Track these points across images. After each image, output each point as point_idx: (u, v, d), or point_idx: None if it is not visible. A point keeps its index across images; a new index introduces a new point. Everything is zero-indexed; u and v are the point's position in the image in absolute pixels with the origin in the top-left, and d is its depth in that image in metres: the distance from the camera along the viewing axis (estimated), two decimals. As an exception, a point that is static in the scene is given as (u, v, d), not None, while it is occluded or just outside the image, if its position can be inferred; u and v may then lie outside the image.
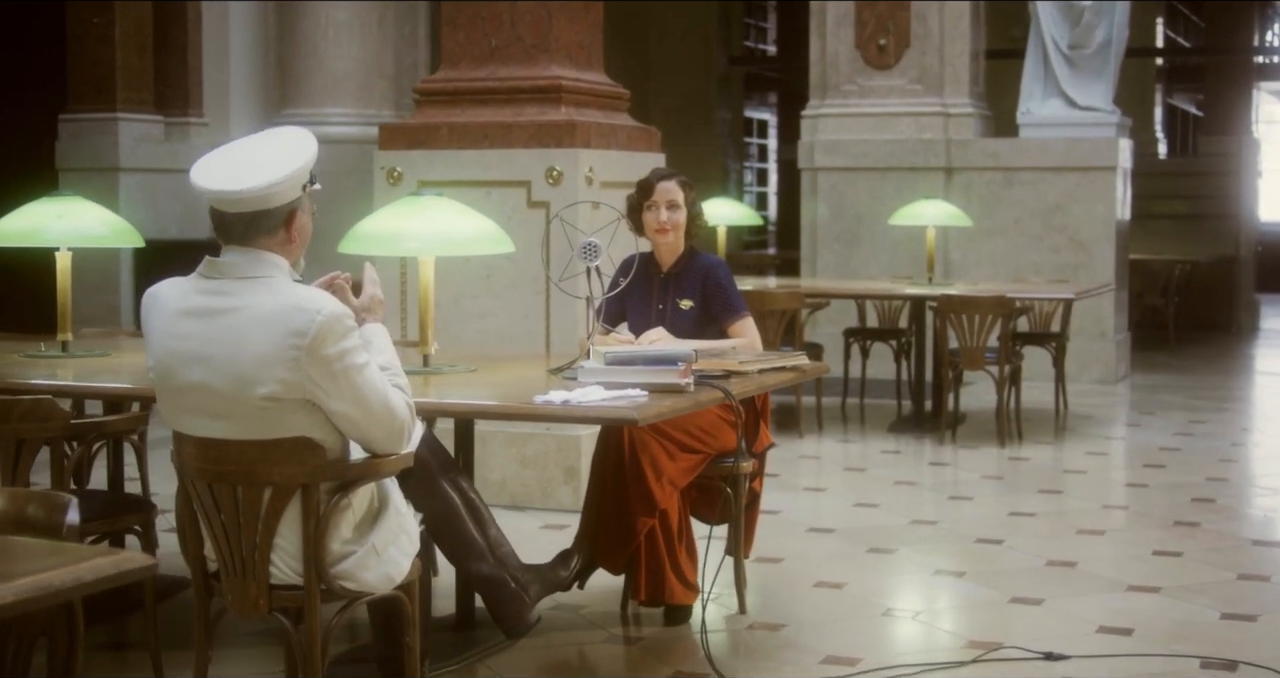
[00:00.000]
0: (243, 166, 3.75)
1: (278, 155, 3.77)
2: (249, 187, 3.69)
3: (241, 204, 3.71)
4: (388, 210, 5.13)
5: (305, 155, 3.78)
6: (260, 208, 3.72)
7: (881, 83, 12.78)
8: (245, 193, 3.69)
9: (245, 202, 3.71)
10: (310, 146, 3.82)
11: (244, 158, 3.79)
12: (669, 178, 5.71)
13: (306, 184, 3.80)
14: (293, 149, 3.80)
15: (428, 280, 5.09)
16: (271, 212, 3.73)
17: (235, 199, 3.70)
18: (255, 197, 3.69)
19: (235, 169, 3.75)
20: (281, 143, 3.83)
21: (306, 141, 3.85)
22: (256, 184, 3.69)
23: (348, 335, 3.69)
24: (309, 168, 3.79)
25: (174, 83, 14.59)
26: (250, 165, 3.75)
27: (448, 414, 4.37)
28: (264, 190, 3.69)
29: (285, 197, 3.74)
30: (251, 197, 3.69)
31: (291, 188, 3.74)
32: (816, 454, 9.22)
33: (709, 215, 11.05)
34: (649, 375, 4.46)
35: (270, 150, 3.79)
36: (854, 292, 10.78)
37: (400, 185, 7.66)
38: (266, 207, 3.72)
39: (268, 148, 3.81)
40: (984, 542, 6.78)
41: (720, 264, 5.73)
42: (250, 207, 3.71)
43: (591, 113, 7.65)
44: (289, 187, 3.73)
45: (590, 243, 4.98)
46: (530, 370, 5.07)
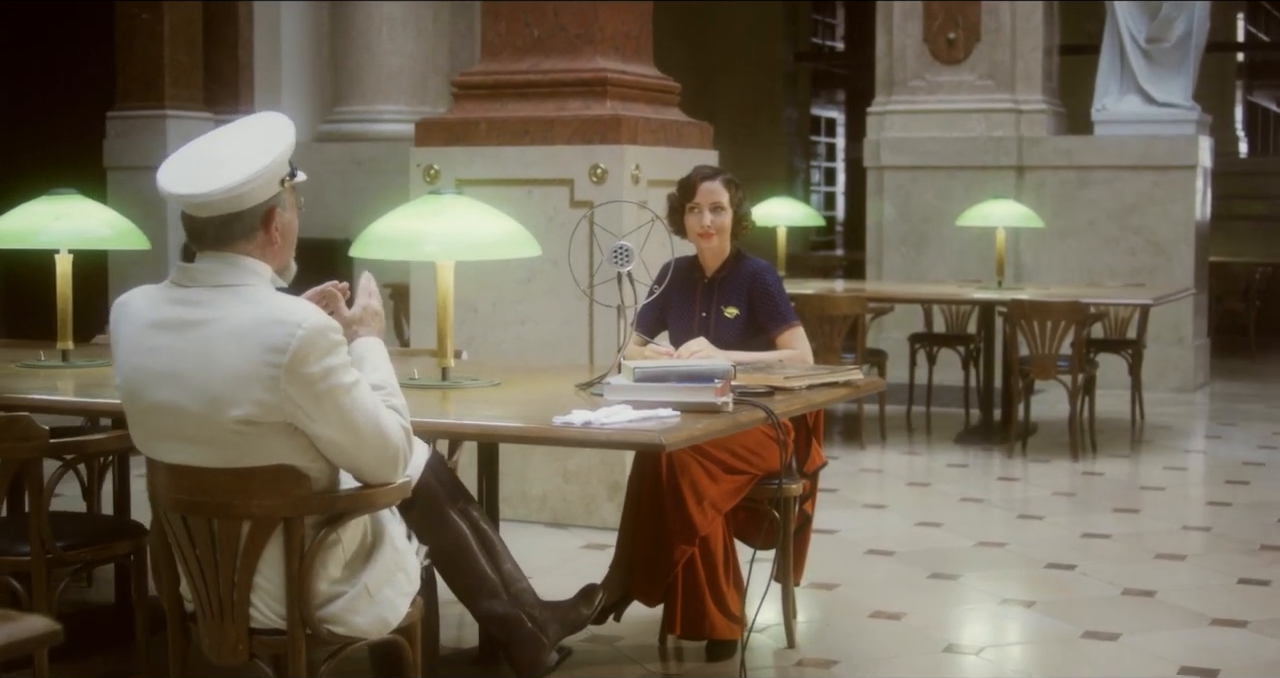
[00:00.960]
0: (209, 165, 3.35)
1: (247, 149, 3.36)
2: (216, 188, 3.29)
3: (211, 207, 3.31)
4: (404, 211, 4.73)
5: (277, 148, 3.38)
6: (233, 210, 3.32)
7: (950, 78, 12.30)
8: (213, 195, 3.29)
9: (215, 204, 3.31)
10: (283, 136, 3.42)
11: (211, 155, 3.39)
12: (713, 177, 5.28)
13: (286, 177, 3.40)
14: (263, 141, 3.40)
15: (447, 287, 4.68)
16: (246, 213, 3.33)
17: (203, 202, 3.31)
18: (225, 198, 3.29)
19: (201, 168, 3.35)
20: (252, 135, 3.43)
21: (280, 130, 3.44)
22: (224, 184, 3.29)
23: (333, 351, 3.28)
24: (285, 159, 3.38)
25: (224, 79, 14.29)
26: (217, 164, 3.35)
27: (449, 436, 3.95)
28: (234, 191, 3.29)
29: (260, 194, 3.34)
30: (221, 198, 3.29)
31: (266, 184, 3.34)
32: (879, 467, 8.76)
33: (768, 215, 10.68)
34: (681, 393, 4.03)
35: (239, 144, 3.39)
36: (919, 296, 10.31)
37: (437, 184, 7.26)
38: (240, 207, 3.32)
39: (237, 141, 3.40)
40: (1055, 567, 6.31)
41: (768, 269, 5.29)
42: (221, 209, 3.32)
43: (639, 107, 7.23)
44: (263, 183, 3.33)
45: (622, 246, 4.55)
46: (560, 385, 4.65)
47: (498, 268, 6.90)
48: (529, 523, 7.02)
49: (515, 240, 4.72)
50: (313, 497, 3.36)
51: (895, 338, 11.52)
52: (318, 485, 3.38)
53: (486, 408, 4.35)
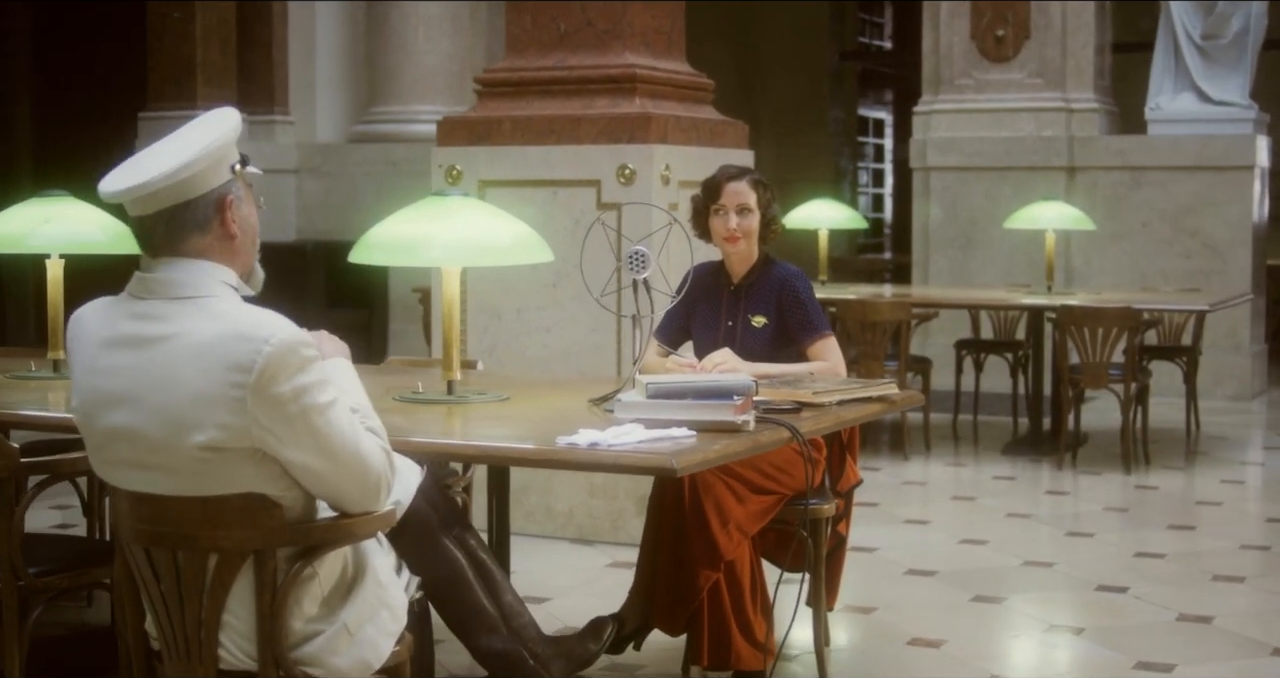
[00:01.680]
0: (149, 157, 3.07)
1: (185, 137, 3.08)
2: (156, 173, 2.99)
3: (156, 199, 3.02)
4: (407, 214, 4.42)
5: (219, 129, 3.09)
6: (179, 200, 3.02)
7: (999, 76, 11.94)
8: (154, 182, 2.99)
9: (159, 194, 3.01)
10: (226, 121, 3.13)
11: (150, 151, 3.10)
12: (739, 176, 4.96)
13: (236, 165, 3.10)
14: (205, 126, 3.11)
15: (452, 295, 4.38)
16: (196, 202, 3.04)
17: (146, 194, 3.01)
18: (169, 184, 3.00)
19: (140, 162, 3.07)
20: (193, 125, 3.14)
21: (222, 116, 3.15)
22: (165, 169, 2.99)
23: (305, 368, 2.98)
24: (229, 144, 3.09)
25: (258, 79, 14.05)
26: (157, 154, 3.06)
27: (437, 456, 3.64)
28: (175, 174, 2.99)
29: (208, 181, 3.04)
30: (163, 185, 2.99)
31: (213, 170, 3.04)
32: (923, 479, 8.42)
33: (810, 218, 10.34)
34: (698, 411, 3.72)
35: (179, 136, 3.10)
36: (965, 301, 9.96)
37: (460, 186, 6.97)
38: (187, 196, 3.03)
39: (178, 135, 3.12)
40: (1106, 590, 5.97)
41: (799, 275, 4.97)
42: (166, 200, 3.02)
43: (669, 105, 6.92)
44: (208, 168, 3.03)
45: (637, 251, 4.24)
46: (574, 400, 4.34)
47: (523, 273, 6.61)
48: (554, 539, 6.72)
49: (526, 245, 4.42)
50: (285, 527, 3.06)
51: (941, 344, 11.18)
52: (291, 515, 3.08)
53: (490, 425, 4.04)
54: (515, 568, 6.19)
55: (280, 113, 14.05)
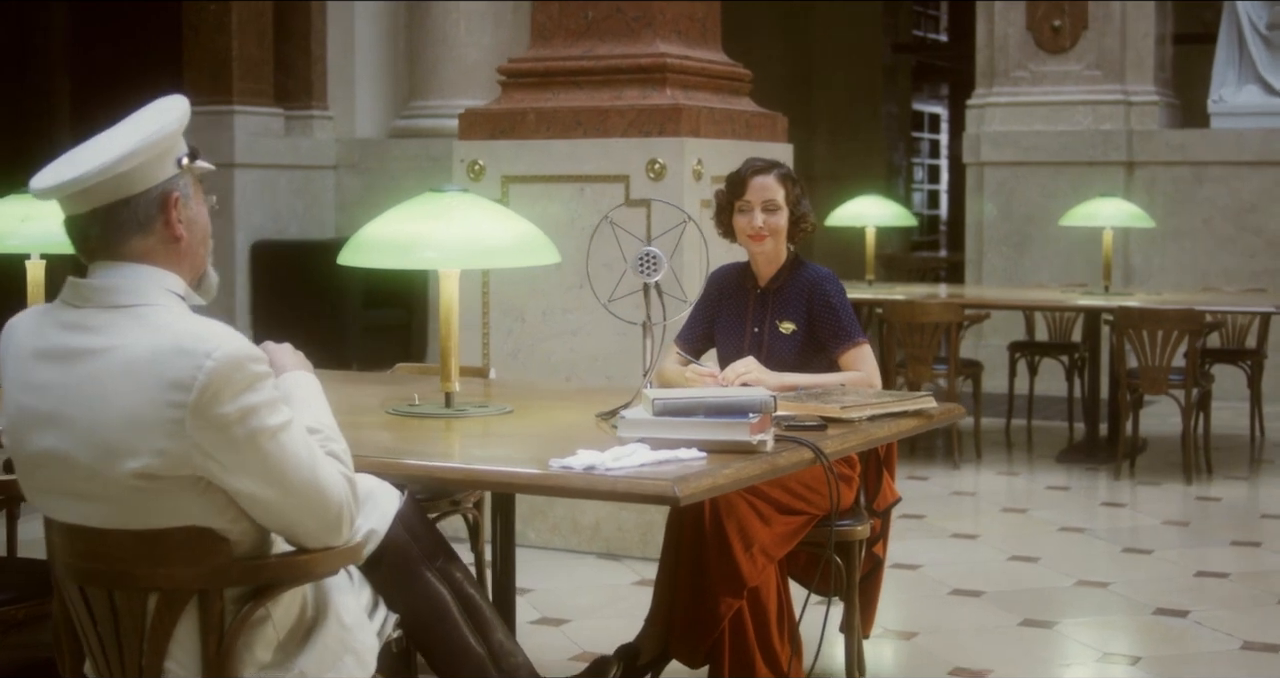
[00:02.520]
0: (85, 151, 2.73)
1: (125, 127, 2.75)
2: (91, 167, 2.66)
3: (90, 196, 2.68)
4: (401, 212, 4.08)
5: (163, 118, 2.75)
6: (117, 197, 2.69)
7: (1055, 68, 11.52)
8: (87, 176, 2.65)
9: (93, 191, 2.67)
10: (173, 109, 2.79)
11: (87, 144, 2.76)
12: (766, 170, 4.60)
13: (184, 160, 2.77)
14: (148, 115, 2.77)
15: (450, 299, 4.03)
16: (135, 199, 2.70)
17: (79, 190, 2.67)
18: (105, 179, 2.66)
19: (75, 156, 2.73)
20: (135, 117, 2.80)
21: (169, 104, 2.82)
22: (101, 162, 2.66)
23: (254, 386, 2.64)
24: (175, 135, 2.75)
25: (296, 73, 13.78)
26: (94, 148, 2.73)
27: (411, 479, 3.30)
28: (112, 168, 2.66)
29: (149, 175, 2.71)
30: (97, 180, 2.66)
31: (155, 163, 2.71)
32: (973, 489, 8.03)
33: (857, 215, 9.96)
34: (709, 430, 3.36)
35: (119, 128, 2.77)
36: (1017, 302, 9.53)
37: (482, 181, 6.63)
38: (125, 193, 2.69)
39: (118, 127, 2.78)
40: (1165, 613, 5.57)
41: (830, 277, 4.60)
42: (102, 197, 2.68)
43: (702, 96, 6.56)
44: (149, 161, 2.69)
45: (649, 253, 3.89)
46: (585, 413, 3.99)
47: (548, 273, 6.28)
48: (581, 554, 6.38)
49: (530, 245, 4.07)
50: (233, 564, 2.72)
51: (995, 345, 10.79)
52: (240, 550, 2.74)
53: (484, 443, 3.70)
54: (535, 586, 5.88)
55: (319, 108, 13.77)
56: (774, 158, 4.83)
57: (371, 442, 3.62)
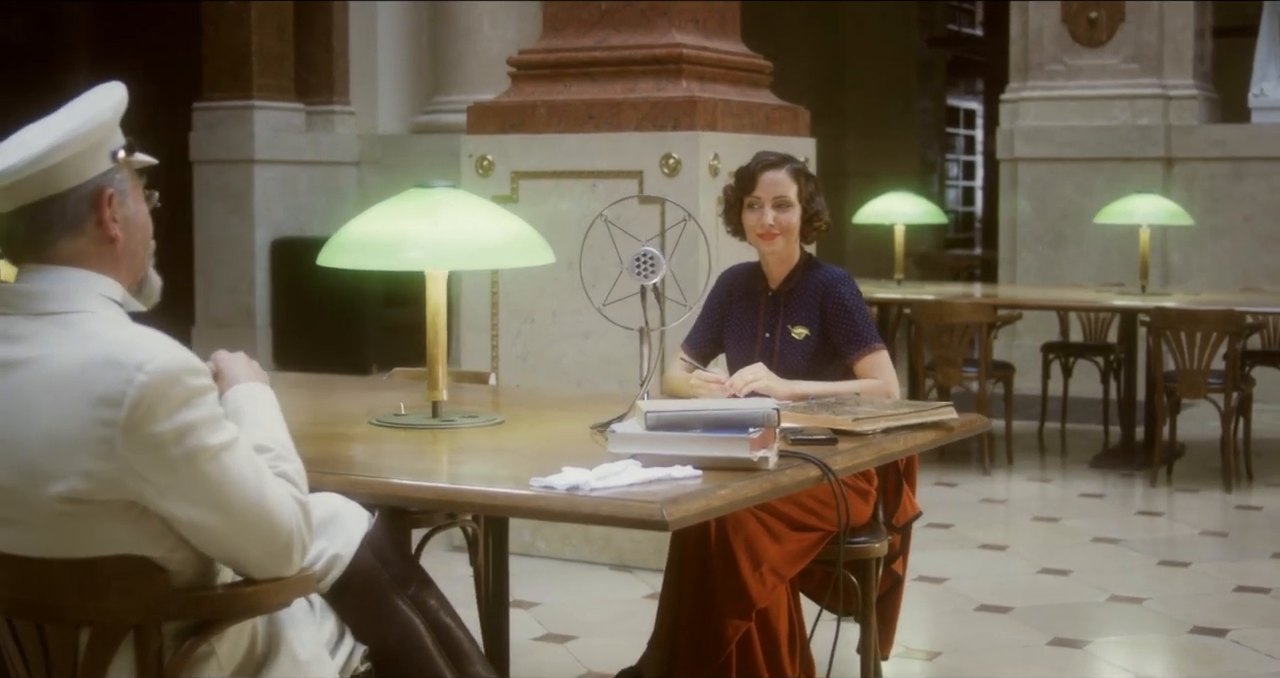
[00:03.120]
0: (9, 144, 2.48)
1: (57, 118, 2.50)
2: (12, 162, 2.42)
3: (16, 193, 2.43)
4: (384, 209, 3.83)
5: (95, 108, 2.50)
6: (44, 194, 2.44)
7: (1092, 62, 11.21)
8: (10, 171, 2.41)
9: (18, 187, 2.43)
10: (106, 98, 2.54)
11: (15, 137, 2.51)
12: (778, 165, 4.33)
13: (120, 153, 2.52)
14: (79, 105, 2.53)
15: (437, 302, 3.79)
16: (64, 197, 2.46)
17: (3, 185, 2.42)
18: (27, 174, 2.41)
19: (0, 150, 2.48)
20: (67, 107, 2.55)
21: (103, 93, 2.57)
22: (24, 155, 2.41)
23: (192, 402, 2.39)
24: (107, 125, 2.50)
25: (317, 68, 13.57)
26: (20, 142, 2.48)
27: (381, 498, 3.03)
28: (37, 162, 2.41)
29: (79, 170, 2.46)
30: (21, 175, 2.41)
31: (86, 157, 2.46)
32: (1003, 497, 7.75)
33: (886, 212, 9.68)
34: (705, 446, 3.10)
35: (51, 118, 2.52)
36: (1050, 302, 9.24)
37: (491, 177, 6.39)
38: (53, 190, 2.45)
39: (50, 117, 2.53)
40: (1202, 632, 5.29)
41: (844, 279, 4.32)
42: (28, 194, 2.44)
43: (719, 88, 6.30)
44: (79, 154, 2.45)
45: (646, 253, 3.64)
46: (581, 423, 3.73)
47: (559, 273, 6.03)
48: (593, 564, 6.13)
49: (523, 245, 3.82)
50: (172, 596, 2.48)
51: (1028, 345, 10.49)
52: (180, 580, 2.50)
53: (468, 459, 3.44)
54: (541, 600, 5.64)
55: (340, 103, 13.57)
56: (790, 153, 4.58)
57: (346, 456, 3.38)
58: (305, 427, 3.77)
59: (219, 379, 2.78)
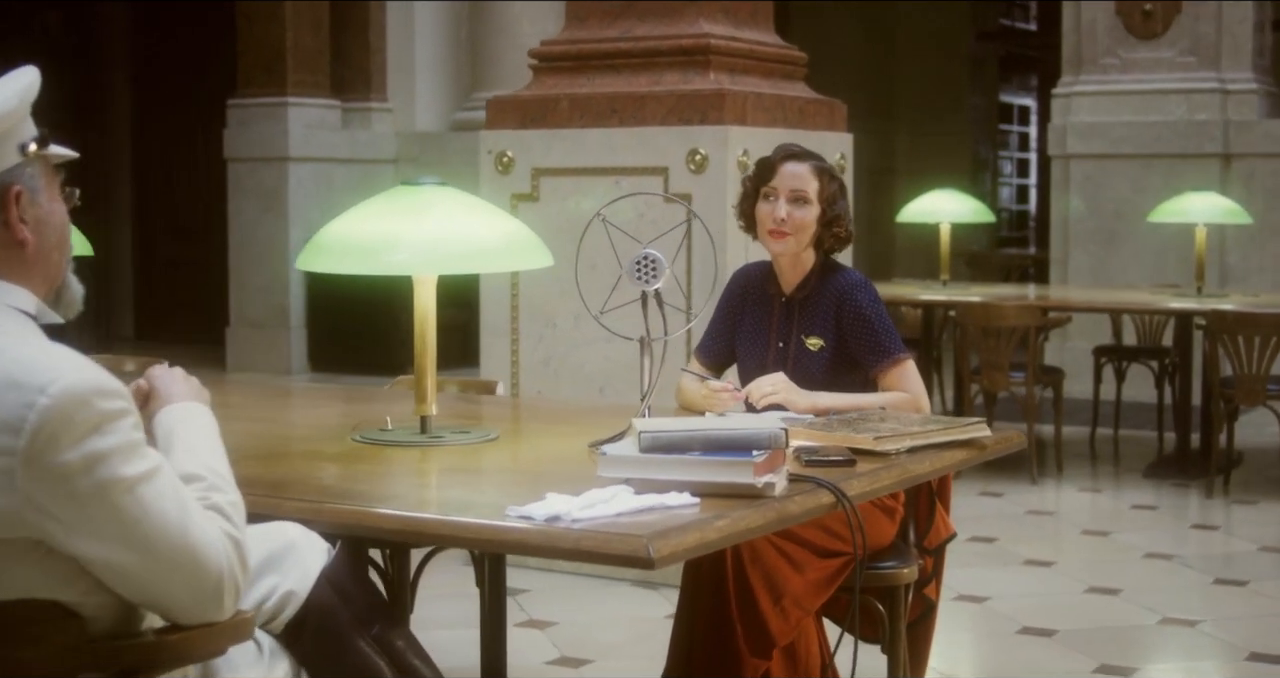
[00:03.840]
0: None
1: None
2: None
3: None
4: (369, 208, 3.54)
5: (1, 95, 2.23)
6: None
7: (1147, 55, 10.84)
8: None
9: None
10: (12, 83, 2.26)
11: None
12: (800, 158, 4.01)
13: (31, 146, 2.24)
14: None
15: (426, 309, 3.50)
16: None
17: None
18: None
19: None
20: None
21: (9, 79, 2.28)
22: None
23: (104, 428, 2.11)
24: (13, 115, 2.22)
25: (353, 64, 13.33)
26: None
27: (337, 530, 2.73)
28: None
29: None
30: None
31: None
32: (1051, 508, 7.41)
33: (931, 211, 9.34)
34: (704, 470, 2.80)
35: None
36: (1101, 305, 8.87)
37: (511, 174, 6.11)
38: None
39: None
40: (1260, 659, 4.95)
41: (861, 284, 3.98)
42: None
43: (750, 80, 5.99)
44: None
45: (647, 256, 3.34)
46: (582, 439, 3.44)
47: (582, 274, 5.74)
48: (614, 581, 5.83)
49: (519, 247, 3.53)
50: (88, 645, 2.20)
51: (1080, 348, 10.14)
52: (98, 627, 2.22)
53: (449, 481, 3.14)
54: (559, 619, 5.35)
55: (377, 100, 13.34)
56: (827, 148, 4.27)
57: (315, 477, 3.09)
58: (282, 443, 3.49)
59: (151, 399, 2.50)
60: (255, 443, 3.45)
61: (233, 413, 3.97)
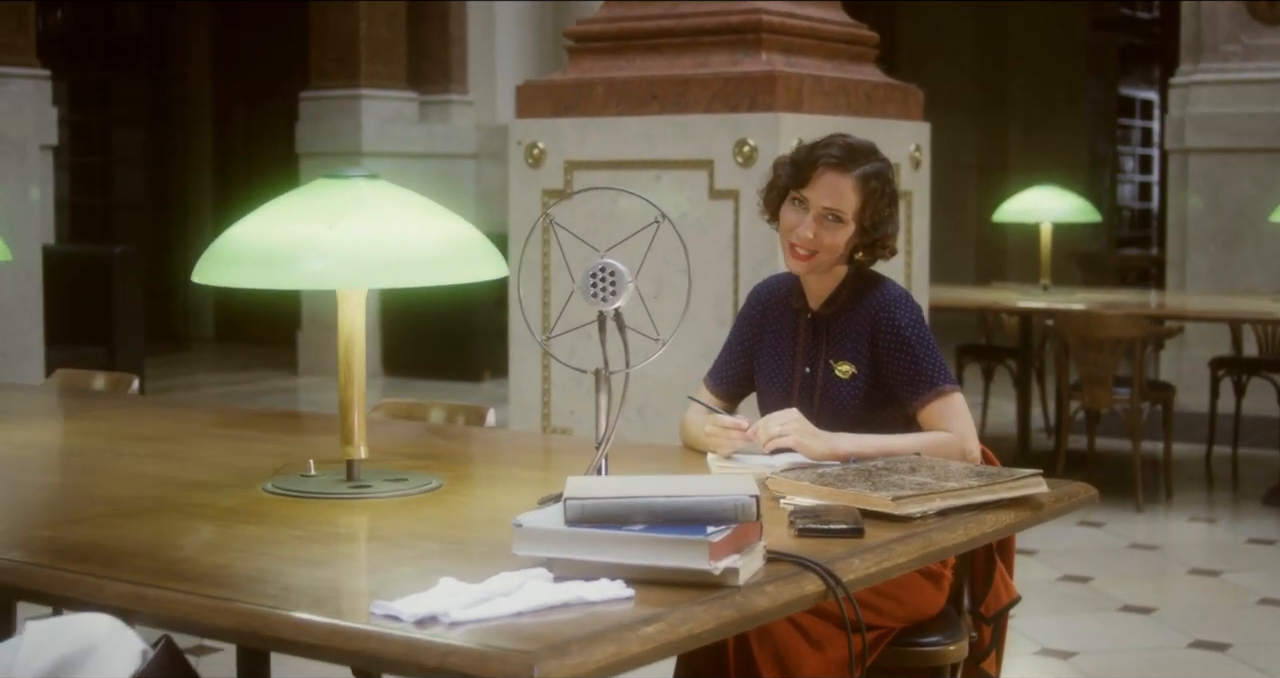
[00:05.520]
0: None
1: None
2: None
3: None
4: (280, 207, 2.88)
5: None
6: None
7: (1272, 41, 10.03)
8: None
9: None
10: None
11: None
12: (845, 167, 3.19)
13: None
14: None
15: (352, 328, 2.86)
16: None
17: None
18: None
19: None
20: None
21: None
22: None
23: None
24: None
25: (432, 55, 12.77)
26: None
27: (153, 621, 2.10)
28: None
29: None
30: None
31: None
32: (1158, 541, 6.66)
33: (1031, 209, 8.58)
34: (646, 551, 2.13)
35: None
36: (1217, 313, 8.05)
37: (542, 168, 5.47)
38: None
39: None
40: (1393, 739, 4.22)
41: (902, 300, 3.25)
42: None
43: (808, 61, 5.31)
44: None
45: (604, 267, 2.68)
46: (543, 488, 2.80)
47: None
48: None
49: (463, 254, 2.88)
50: None
51: (1197, 357, 9.35)
52: None
53: (334, 553, 2.48)
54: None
55: (457, 92, 12.78)
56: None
57: (174, 546, 2.46)
58: (172, 491, 2.87)
59: None
60: (136, 491, 2.84)
61: (145, 447, 3.36)
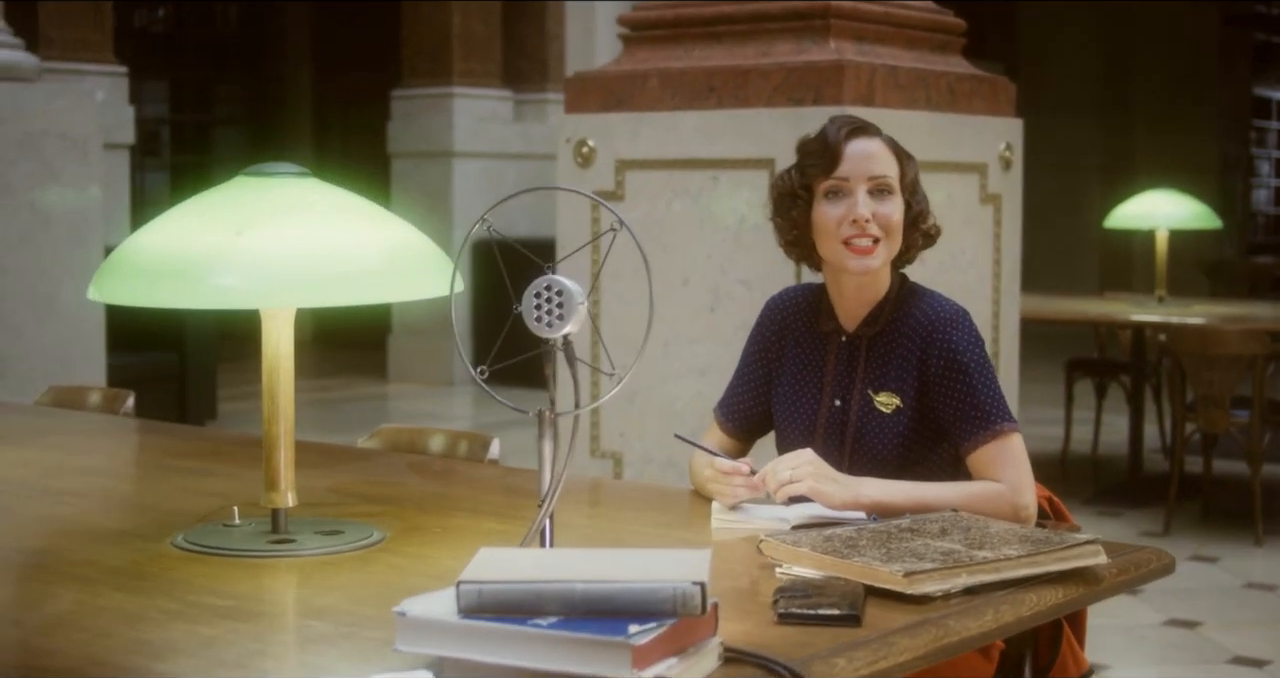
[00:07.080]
0: None
1: None
2: None
3: None
4: (190, 210, 2.42)
5: None
6: None
7: None
8: None
9: None
10: None
11: None
12: (868, 131, 2.77)
13: None
14: None
15: (277, 352, 2.40)
16: None
17: None
18: None
19: None
20: None
21: None
22: None
23: None
24: None
25: (528, 52, 12.36)
26: None
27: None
28: None
29: None
30: None
31: None
32: (1277, 580, 6.07)
33: (1145, 214, 7.99)
34: (552, 653, 1.65)
35: None
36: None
37: (592, 167, 5.01)
38: None
39: None
40: None
41: (959, 319, 2.73)
42: None
43: (883, 51, 4.81)
44: None
45: (551, 285, 2.19)
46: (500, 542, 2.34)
47: (672, 291, 4.69)
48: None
49: (406, 267, 2.41)
50: None
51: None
52: None
53: (208, 640, 2.02)
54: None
55: (554, 91, 12.36)
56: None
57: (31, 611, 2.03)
58: (70, 541, 2.45)
59: None
60: (26, 541, 2.43)
61: (76, 483, 2.93)
